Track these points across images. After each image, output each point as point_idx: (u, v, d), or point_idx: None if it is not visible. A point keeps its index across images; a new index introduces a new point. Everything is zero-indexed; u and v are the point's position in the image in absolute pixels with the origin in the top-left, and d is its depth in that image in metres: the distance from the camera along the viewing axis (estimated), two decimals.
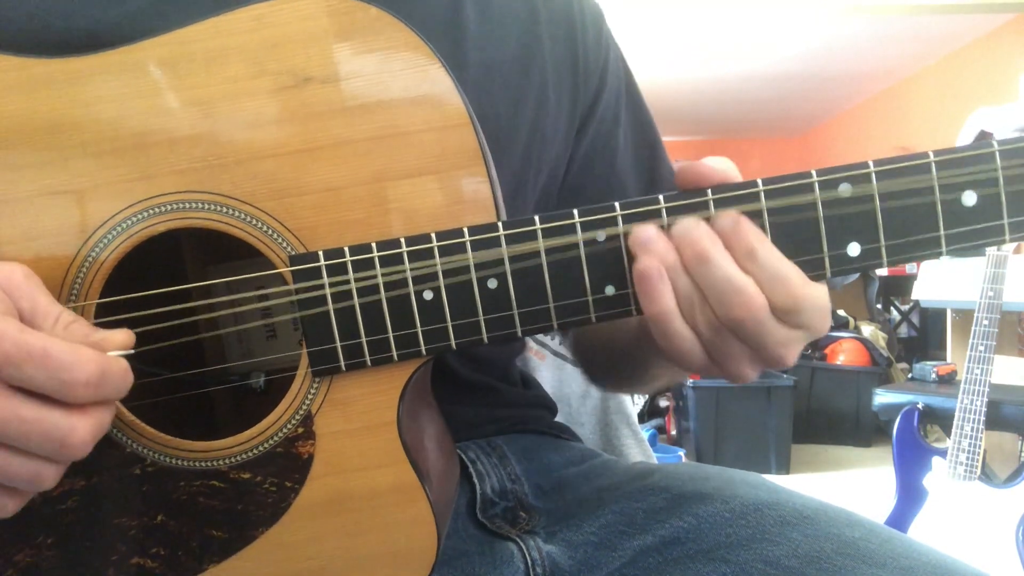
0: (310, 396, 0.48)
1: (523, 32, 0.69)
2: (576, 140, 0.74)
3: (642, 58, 4.86)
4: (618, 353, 0.68)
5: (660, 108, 6.30)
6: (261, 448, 0.48)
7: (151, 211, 0.47)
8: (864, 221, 0.46)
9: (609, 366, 0.74)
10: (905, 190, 0.45)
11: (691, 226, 0.45)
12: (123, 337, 0.43)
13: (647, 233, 0.45)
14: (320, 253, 0.47)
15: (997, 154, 0.45)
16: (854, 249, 0.46)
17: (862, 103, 6.17)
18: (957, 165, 0.45)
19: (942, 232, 0.46)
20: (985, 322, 1.96)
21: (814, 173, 0.45)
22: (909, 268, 4.30)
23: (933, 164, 0.45)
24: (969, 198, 0.45)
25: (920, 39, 4.61)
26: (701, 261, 0.44)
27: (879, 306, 4.49)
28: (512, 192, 0.63)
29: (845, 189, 0.45)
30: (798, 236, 0.46)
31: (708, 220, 0.46)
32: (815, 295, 0.45)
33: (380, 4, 0.47)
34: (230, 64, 0.47)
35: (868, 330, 4.04)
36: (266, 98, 0.47)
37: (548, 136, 0.70)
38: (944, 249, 0.46)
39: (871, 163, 0.45)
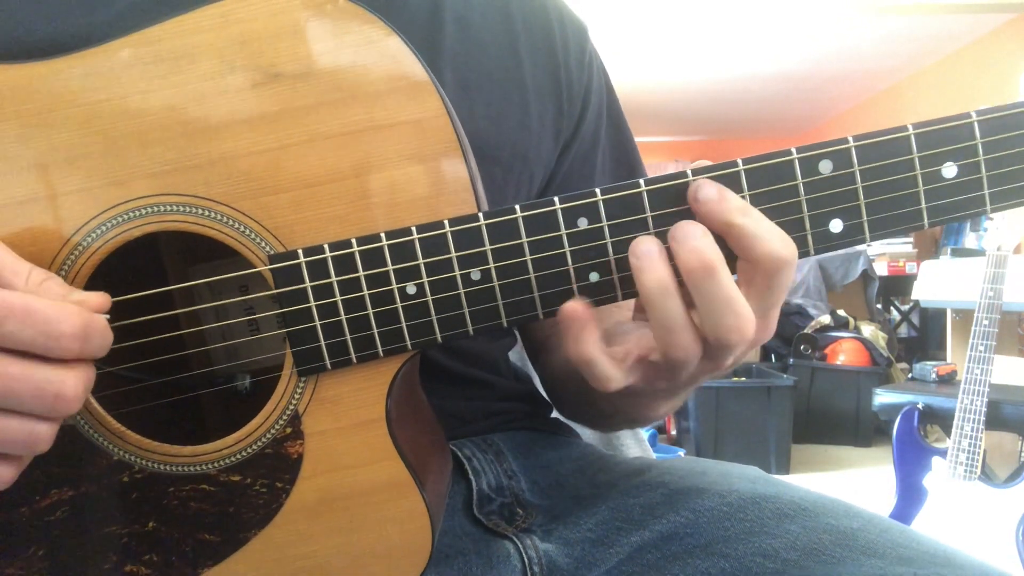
0: (296, 396, 0.48)
1: (502, 53, 0.69)
2: (558, 160, 0.74)
3: (642, 58, 4.87)
4: (589, 397, 0.65)
5: (661, 108, 6.34)
6: (250, 450, 0.48)
7: (126, 216, 0.46)
8: (846, 197, 0.45)
9: (581, 408, 0.73)
10: (885, 164, 0.45)
11: (699, 231, 0.44)
12: (99, 299, 0.43)
13: (645, 246, 0.44)
14: (300, 251, 0.46)
15: (976, 125, 0.45)
16: (836, 226, 0.46)
17: (862, 103, 6.17)
18: (936, 137, 0.45)
19: (923, 205, 0.45)
20: (985, 322, 1.95)
21: (794, 151, 0.45)
22: (909, 268, 4.30)
23: (913, 137, 0.45)
24: (949, 170, 0.45)
25: (920, 39, 4.62)
26: (708, 274, 0.43)
27: (879, 306, 4.48)
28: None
29: (826, 166, 0.45)
30: (780, 215, 0.45)
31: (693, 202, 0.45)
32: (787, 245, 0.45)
33: (355, 2, 0.46)
34: (198, 63, 0.46)
35: (868, 330, 4.03)
36: (236, 96, 0.46)
37: (531, 156, 0.70)
38: (926, 222, 0.45)
39: (851, 138, 0.45)
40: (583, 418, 0.75)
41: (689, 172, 0.45)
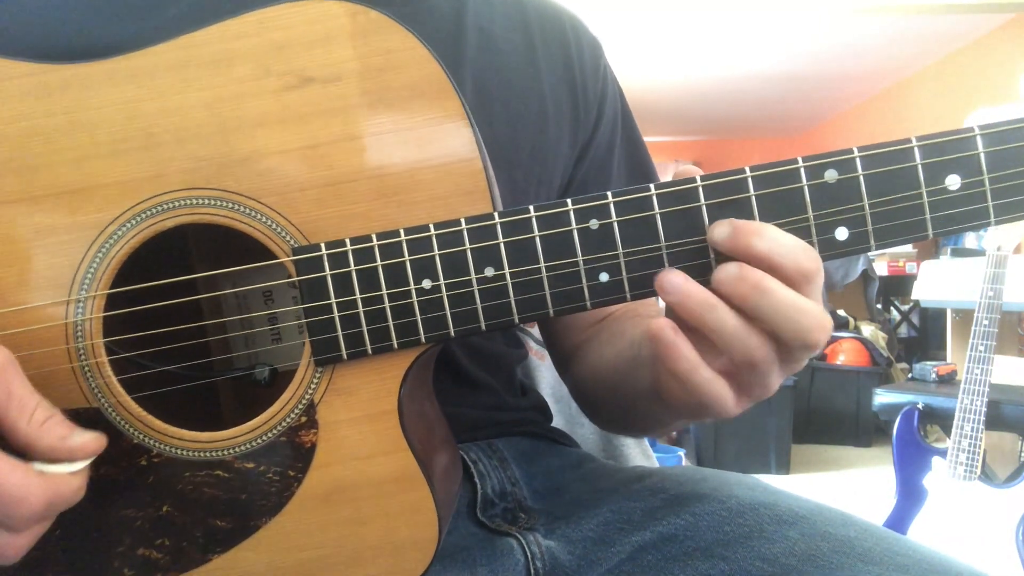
0: (313, 385, 0.49)
1: (520, 62, 0.71)
2: (575, 167, 0.75)
3: (643, 58, 4.87)
4: (630, 409, 0.65)
5: (661, 108, 6.33)
6: (265, 438, 0.49)
7: (160, 208, 0.48)
8: (851, 206, 0.46)
9: (620, 419, 0.72)
10: (890, 174, 0.46)
11: (735, 267, 0.44)
12: (96, 445, 0.44)
13: (670, 282, 0.45)
14: (322, 245, 0.48)
15: (979, 138, 0.45)
16: (842, 234, 0.46)
17: (862, 103, 6.17)
18: (940, 150, 0.46)
19: (928, 216, 0.46)
20: (985, 322, 1.95)
21: (800, 160, 0.46)
22: (909, 268, 4.30)
23: (916, 149, 0.46)
24: (953, 182, 0.46)
25: (920, 39, 4.61)
26: (762, 292, 0.43)
27: (879, 306, 4.48)
28: None
29: (831, 175, 0.46)
30: (786, 222, 0.46)
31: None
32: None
33: (384, 13, 0.49)
34: (236, 66, 0.48)
35: (868, 330, 4.03)
36: (270, 98, 0.48)
37: (549, 160, 0.71)
38: (930, 232, 0.46)
39: (855, 149, 0.46)
40: (623, 427, 0.76)
41: (698, 179, 0.46)
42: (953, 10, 4.01)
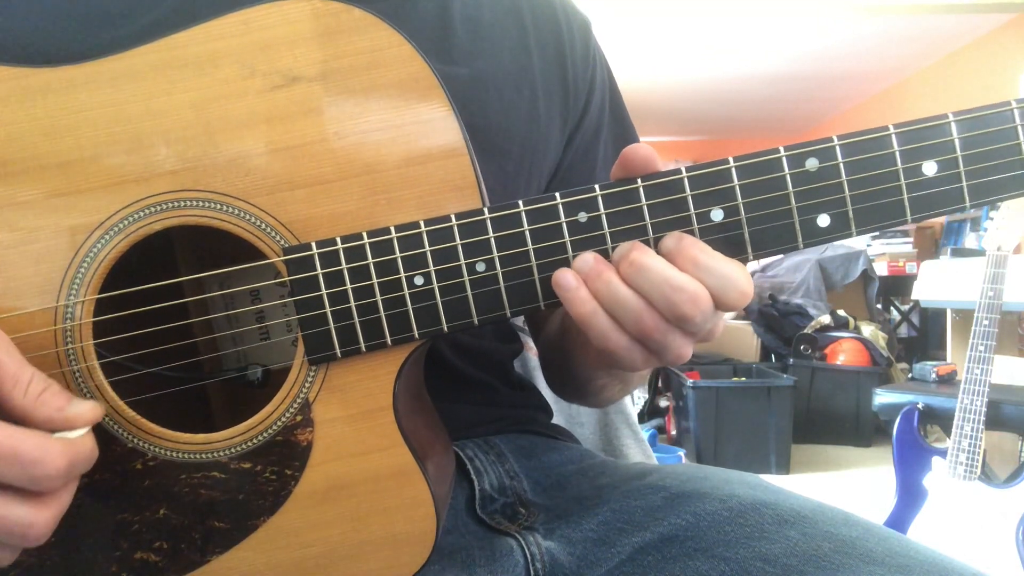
0: (307, 384, 0.49)
1: (512, 48, 0.71)
2: (562, 153, 0.75)
3: (643, 58, 4.87)
4: (568, 365, 0.68)
5: (660, 108, 6.33)
6: (261, 437, 0.49)
7: (147, 210, 0.48)
8: (832, 193, 0.47)
9: (564, 378, 0.74)
10: (869, 161, 0.47)
11: (624, 246, 0.47)
12: (93, 414, 0.44)
13: (565, 279, 0.47)
14: (313, 244, 0.48)
15: (952, 125, 0.47)
16: (823, 220, 0.48)
17: (862, 103, 6.17)
18: (916, 136, 0.47)
19: (905, 197, 0.47)
20: (985, 322, 1.95)
21: (782, 149, 0.47)
22: (909, 268, 4.31)
23: (893, 136, 0.47)
24: (929, 167, 0.47)
25: (920, 39, 4.62)
26: (638, 269, 0.46)
27: (879, 306, 4.48)
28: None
29: (812, 163, 0.47)
30: (769, 210, 0.47)
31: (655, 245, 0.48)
32: (749, 283, 0.47)
33: (367, 11, 0.49)
34: (221, 67, 0.49)
35: (868, 330, 4.03)
36: (256, 98, 0.48)
37: (540, 149, 0.71)
38: (909, 216, 0.47)
39: (835, 138, 0.47)
40: (567, 391, 0.76)
41: (683, 170, 0.48)
42: (953, 10, 4.02)
